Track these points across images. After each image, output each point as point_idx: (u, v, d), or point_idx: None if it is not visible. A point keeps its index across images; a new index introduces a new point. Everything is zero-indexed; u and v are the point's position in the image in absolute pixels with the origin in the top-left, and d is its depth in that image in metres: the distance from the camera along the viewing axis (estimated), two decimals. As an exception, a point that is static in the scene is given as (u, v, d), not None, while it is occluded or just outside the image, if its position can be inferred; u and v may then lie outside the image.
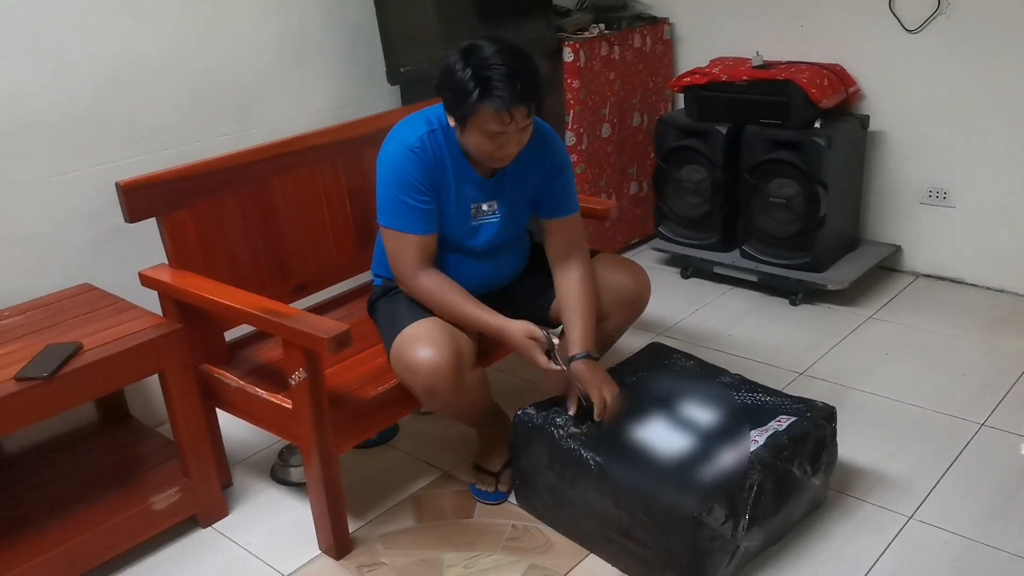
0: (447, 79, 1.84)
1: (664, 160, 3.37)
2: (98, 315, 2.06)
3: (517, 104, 1.80)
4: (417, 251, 1.97)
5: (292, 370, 1.85)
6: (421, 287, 1.98)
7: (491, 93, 1.78)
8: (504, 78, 1.77)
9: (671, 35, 3.63)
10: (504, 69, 1.78)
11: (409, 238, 1.96)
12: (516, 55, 1.82)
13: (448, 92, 1.85)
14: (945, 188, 3.16)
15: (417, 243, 1.97)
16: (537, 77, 1.84)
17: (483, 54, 1.80)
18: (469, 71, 1.79)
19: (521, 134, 1.88)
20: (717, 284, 3.36)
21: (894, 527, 2.02)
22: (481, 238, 2.07)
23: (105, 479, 2.12)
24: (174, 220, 2.07)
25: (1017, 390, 2.54)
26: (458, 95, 1.81)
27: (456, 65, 1.82)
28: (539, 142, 2.02)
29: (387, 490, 2.27)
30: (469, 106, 1.80)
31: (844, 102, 3.16)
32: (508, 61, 1.79)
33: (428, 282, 1.98)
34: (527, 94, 1.81)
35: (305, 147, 2.34)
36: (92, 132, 2.33)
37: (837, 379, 2.65)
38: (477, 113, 1.81)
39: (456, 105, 1.84)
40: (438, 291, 1.98)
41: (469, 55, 1.81)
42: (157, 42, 2.41)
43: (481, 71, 1.78)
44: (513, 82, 1.78)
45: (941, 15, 2.97)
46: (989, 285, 3.17)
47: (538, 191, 2.08)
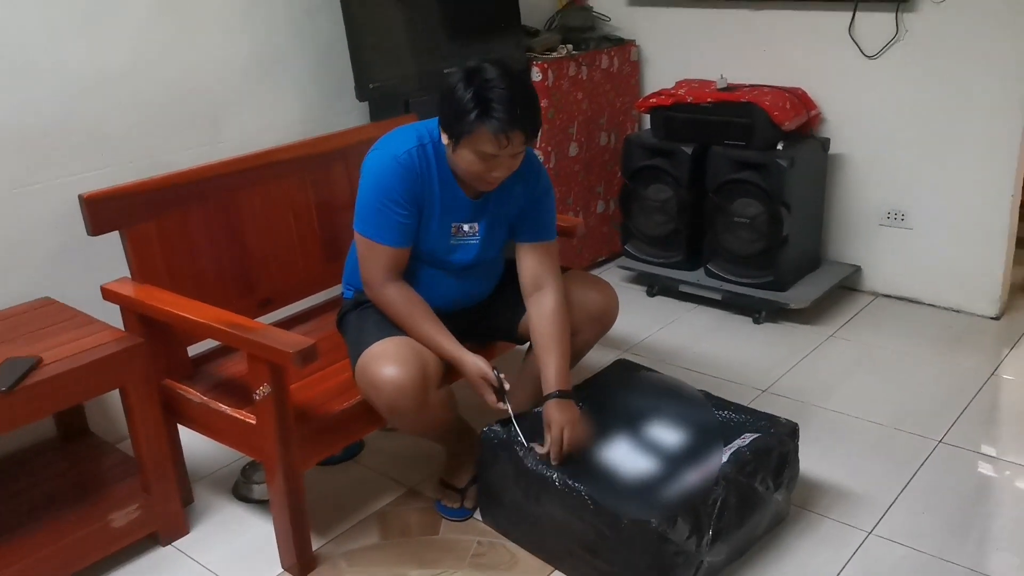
0: (448, 96, 1.85)
1: (630, 179, 3.41)
2: (58, 329, 2.03)
3: (514, 129, 1.82)
4: (388, 261, 1.98)
5: (257, 385, 1.84)
6: (386, 297, 1.99)
7: (490, 115, 1.80)
8: (505, 101, 1.80)
9: (638, 57, 3.68)
10: (506, 93, 1.80)
11: (382, 248, 1.97)
12: (519, 81, 1.85)
13: (447, 108, 1.86)
14: (903, 210, 3.23)
15: (389, 254, 1.97)
16: (536, 105, 1.88)
17: (486, 76, 1.82)
18: (471, 91, 1.81)
19: (513, 159, 1.90)
20: (682, 302, 3.39)
21: (854, 542, 2.05)
22: (459, 258, 2.07)
23: (63, 496, 2.08)
24: (138, 233, 2.05)
25: (973, 408, 2.59)
26: (457, 113, 1.83)
27: (458, 84, 1.83)
28: (526, 167, 2.02)
29: (352, 507, 2.25)
30: (467, 125, 1.82)
31: (806, 125, 3.22)
32: (510, 86, 1.81)
33: (394, 294, 1.99)
34: (525, 121, 1.84)
35: (273, 161, 2.33)
36: (56, 144, 2.30)
37: (799, 396, 2.69)
38: (473, 133, 1.82)
39: (453, 122, 1.85)
40: (401, 305, 1.99)
41: (472, 75, 1.83)
42: (123, 53, 2.40)
43: (483, 92, 1.80)
44: (513, 107, 1.80)
45: (899, 41, 3.05)
46: (945, 305, 3.24)
47: (519, 215, 2.09)
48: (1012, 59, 2.86)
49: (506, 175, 1.93)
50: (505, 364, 2.46)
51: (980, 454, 2.38)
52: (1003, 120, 2.93)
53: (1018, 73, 2.86)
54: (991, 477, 2.30)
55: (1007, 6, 2.82)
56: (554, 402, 1.99)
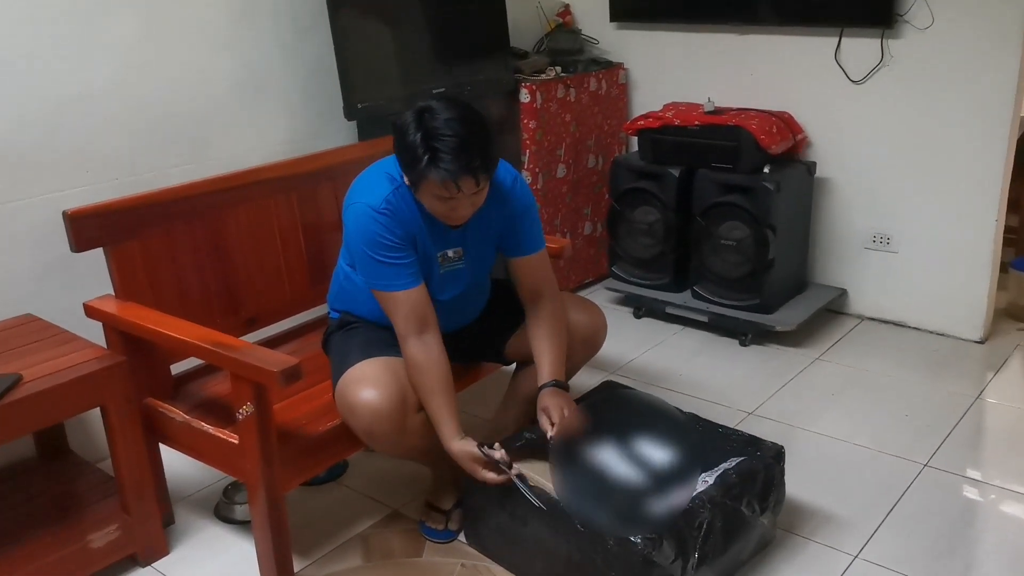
0: (400, 140, 1.82)
1: (618, 201, 3.42)
2: (40, 346, 2.01)
3: (464, 176, 1.77)
4: (407, 308, 1.92)
5: (240, 404, 1.82)
6: (407, 355, 1.94)
7: (438, 164, 1.75)
8: (452, 150, 1.75)
9: (626, 79, 3.71)
10: (453, 141, 1.75)
11: (395, 296, 1.92)
12: (468, 125, 1.78)
13: (400, 153, 1.83)
14: (888, 234, 3.25)
15: (404, 299, 1.92)
16: (488, 147, 1.81)
17: (434, 122, 1.77)
18: (419, 136, 1.76)
19: (474, 197, 1.86)
20: (669, 324, 3.39)
21: (840, 566, 2.04)
22: (449, 285, 2.06)
23: (41, 516, 2.06)
24: (122, 250, 2.04)
25: (958, 431, 2.60)
26: (408, 160, 1.80)
27: (409, 128, 1.79)
28: (500, 192, 2.00)
29: (334, 528, 2.23)
30: (418, 172, 1.79)
31: (792, 149, 3.25)
32: (458, 132, 1.76)
33: (414, 354, 1.92)
34: (475, 166, 1.77)
35: (259, 180, 2.33)
36: (40, 160, 2.29)
37: (785, 419, 2.69)
38: (426, 180, 1.79)
39: (406, 169, 1.83)
40: (416, 368, 1.92)
41: (421, 119, 1.78)
42: (109, 70, 2.39)
43: (430, 140, 1.75)
44: (460, 154, 1.75)
45: (884, 67, 3.08)
46: (930, 328, 3.25)
47: (503, 234, 2.08)
48: (996, 85, 2.89)
49: (472, 212, 1.90)
50: (491, 385, 2.46)
51: (965, 478, 2.38)
52: (987, 145, 2.96)
53: (1002, 98, 2.89)
54: (976, 501, 2.30)
55: (991, 33, 2.85)
56: (551, 390, 1.99)
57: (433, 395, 1.93)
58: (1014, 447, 2.53)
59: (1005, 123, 2.91)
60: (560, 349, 2.06)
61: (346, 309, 2.15)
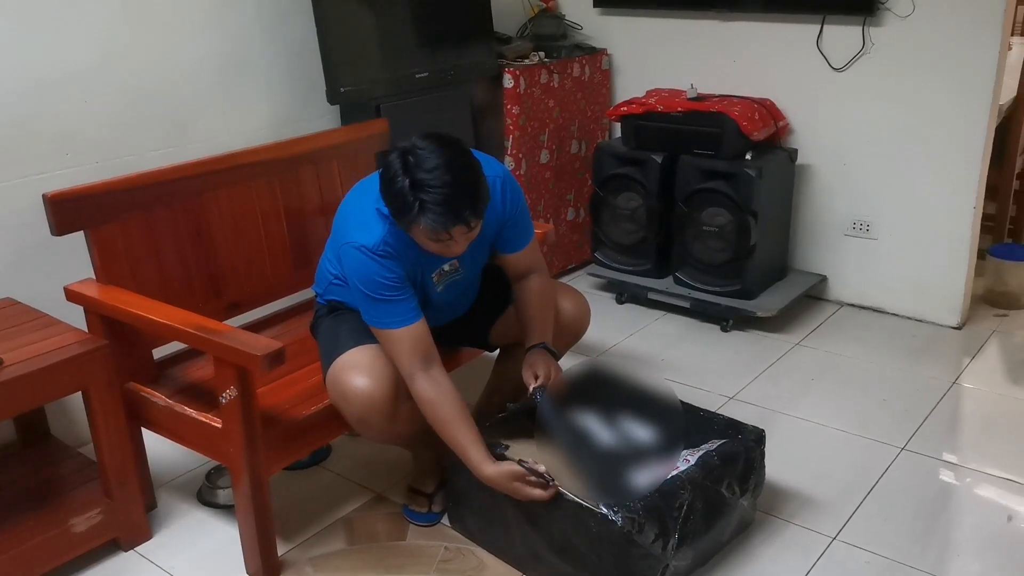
0: (387, 187, 1.76)
1: (601, 187, 3.43)
2: (20, 330, 1.99)
3: (455, 225, 1.74)
4: (409, 344, 1.87)
5: (223, 389, 1.82)
6: (416, 392, 1.89)
7: (427, 215, 1.71)
8: (441, 203, 1.71)
9: (609, 65, 3.71)
10: (441, 193, 1.70)
11: (398, 334, 1.87)
12: (456, 172, 1.73)
13: (389, 199, 1.77)
14: (868, 221, 3.28)
15: (407, 337, 1.87)
16: (477, 191, 1.77)
17: (421, 172, 1.71)
18: (407, 184, 1.71)
19: (468, 236, 1.82)
20: (651, 310, 3.41)
21: (818, 548, 2.07)
22: (448, 295, 2.06)
23: (22, 500, 2.04)
24: (103, 234, 2.02)
25: (935, 416, 2.63)
26: (397, 207, 1.75)
27: (396, 176, 1.73)
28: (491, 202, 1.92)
29: (318, 512, 2.24)
30: (407, 221, 1.75)
31: (774, 136, 3.26)
32: (446, 182, 1.71)
33: (424, 390, 1.88)
34: (465, 215, 1.74)
35: (241, 164, 2.31)
36: (19, 143, 2.26)
37: (765, 403, 2.71)
38: (416, 227, 1.76)
39: (396, 215, 1.78)
40: (429, 404, 1.88)
41: (407, 166, 1.72)
42: (89, 52, 2.37)
43: (418, 192, 1.71)
44: (450, 205, 1.71)
45: (866, 54, 3.10)
46: (909, 315, 3.29)
47: (496, 233, 2.05)
48: (976, 73, 2.92)
49: (467, 245, 1.87)
50: (473, 371, 2.46)
51: (942, 461, 2.42)
52: (966, 133, 2.99)
53: (981, 86, 2.92)
54: (952, 484, 2.33)
55: (971, 21, 2.88)
56: (539, 351, 2.02)
57: (452, 426, 1.89)
58: (990, 431, 2.57)
59: (984, 111, 2.94)
60: (549, 317, 2.08)
61: (332, 297, 2.14)
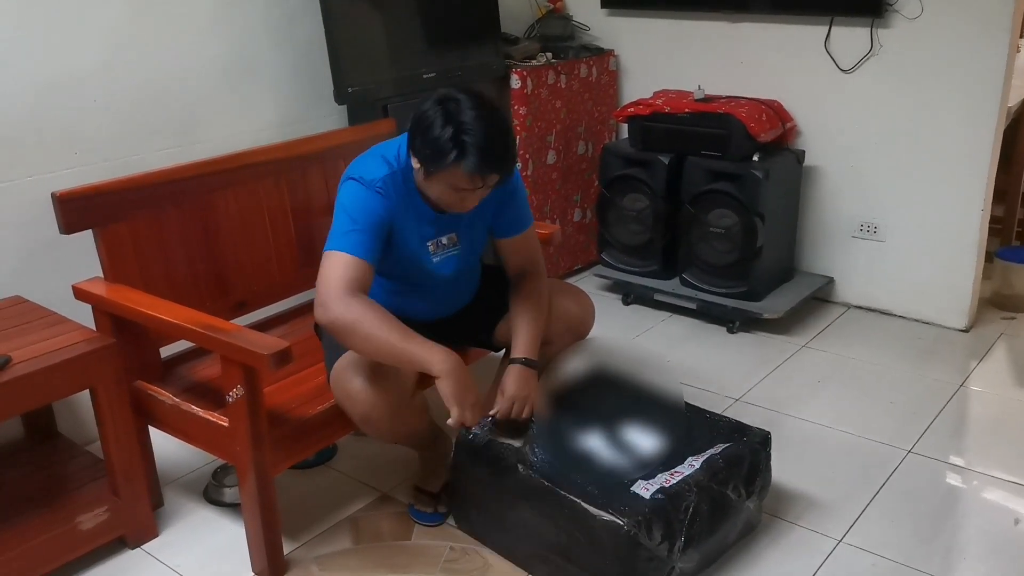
0: (423, 129, 1.81)
1: (607, 188, 3.43)
2: (28, 328, 2.00)
3: (490, 172, 1.81)
4: (343, 271, 1.81)
5: (230, 387, 1.83)
6: (339, 313, 1.78)
7: (467, 157, 1.77)
8: (482, 146, 1.77)
9: (616, 66, 3.71)
10: (483, 137, 1.77)
11: (339, 256, 1.83)
12: (496, 121, 1.82)
13: (423, 142, 1.82)
14: (876, 223, 3.27)
15: (353, 264, 1.82)
16: (512, 146, 1.87)
17: (463, 116, 1.78)
18: (449, 131, 1.77)
19: (485, 191, 1.88)
20: (657, 311, 3.41)
21: (824, 550, 2.07)
22: (445, 271, 2.06)
23: (30, 498, 2.05)
24: (111, 233, 2.03)
25: (942, 418, 2.63)
26: (434, 150, 1.79)
27: (435, 120, 1.79)
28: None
29: (324, 511, 2.24)
30: (443, 163, 1.79)
31: (781, 137, 3.26)
32: (487, 129, 1.78)
33: (353, 305, 1.79)
34: (502, 164, 1.83)
35: (249, 163, 2.32)
36: (27, 142, 2.27)
37: (772, 405, 2.71)
38: (448, 170, 1.80)
39: (429, 157, 1.82)
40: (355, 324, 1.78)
41: (449, 113, 1.78)
42: (98, 51, 2.38)
43: (460, 134, 1.77)
44: (490, 151, 1.79)
45: (874, 56, 3.10)
46: (916, 317, 3.28)
47: (495, 214, 2.08)
48: (984, 75, 2.91)
49: (477, 203, 1.92)
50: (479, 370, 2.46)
51: (948, 464, 2.41)
52: (974, 135, 2.98)
53: (989, 88, 2.91)
54: (959, 487, 2.33)
55: (979, 23, 2.87)
56: (518, 368, 2.00)
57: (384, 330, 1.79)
58: (997, 434, 2.56)
59: (992, 113, 2.93)
60: (537, 327, 2.06)
61: None
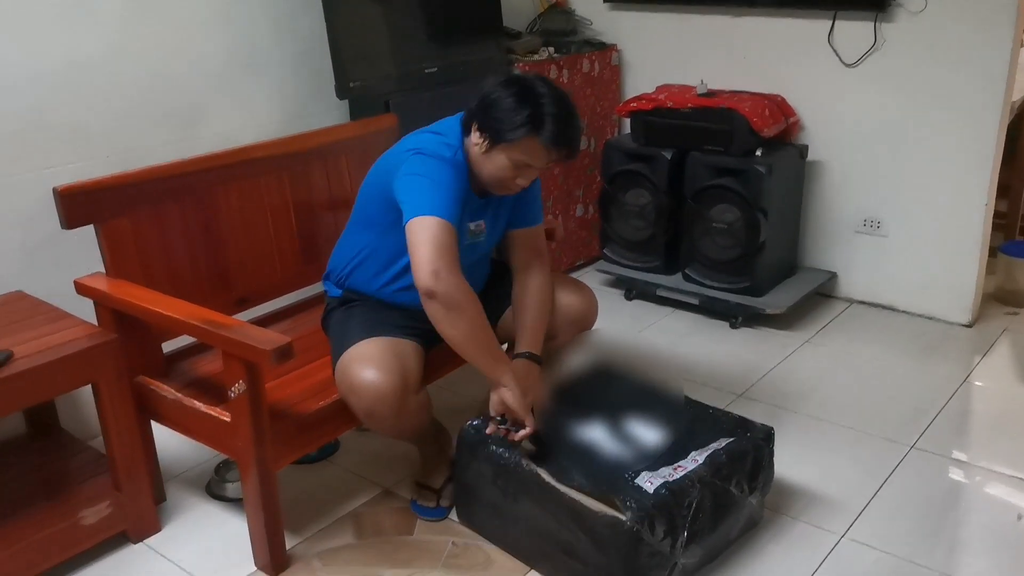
0: (493, 104, 1.85)
1: (610, 183, 3.42)
2: (30, 323, 2.00)
3: (563, 146, 1.86)
4: (453, 239, 1.80)
5: (232, 383, 1.82)
6: (444, 290, 1.77)
7: (544, 128, 1.82)
8: (561, 120, 1.84)
9: (619, 61, 3.70)
10: (561, 112, 1.84)
11: (446, 225, 1.79)
12: (568, 102, 1.88)
13: (494, 113, 1.85)
14: (879, 218, 3.26)
15: (452, 232, 1.80)
16: (580, 127, 1.92)
17: (539, 90, 1.85)
18: (528, 103, 1.82)
19: (540, 172, 1.93)
20: (660, 306, 3.40)
21: (827, 545, 2.06)
22: (469, 257, 2.06)
23: (33, 492, 2.06)
24: (113, 228, 2.03)
25: (945, 414, 2.62)
26: (506, 121, 1.83)
27: (508, 95, 1.84)
28: None
29: (326, 506, 2.24)
30: (515, 133, 1.83)
31: (784, 132, 3.25)
32: (564, 104, 1.86)
33: (457, 288, 1.79)
34: (574, 141, 1.89)
35: (251, 159, 2.31)
36: (29, 137, 2.27)
37: (775, 401, 2.70)
38: (520, 142, 1.84)
39: (499, 127, 1.84)
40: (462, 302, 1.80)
41: (524, 90, 1.84)
42: (100, 46, 2.37)
43: (538, 106, 1.82)
44: (568, 125, 1.86)
45: (877, 50, 3.09)
46: (919, 312, 3.27)
47: (513, 204, 2.10)
48: (987, 69, 2.90)
49: (527, 185, 1.96)
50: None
51: (951, 459, 2.41)
52: (978, 130, 2.97)
53: (993, 83, 2.90)
54: (962, 482, 2.32)
55: (984, 17, 2.85)
56: (522, 363, 2.00)
57: (487, 327, 1.89)
58: (1000, 429, 2.55)
59: (996, 108, 2.92)
60: (542, 322, 2.07)
61: (348, 287, 2.14)
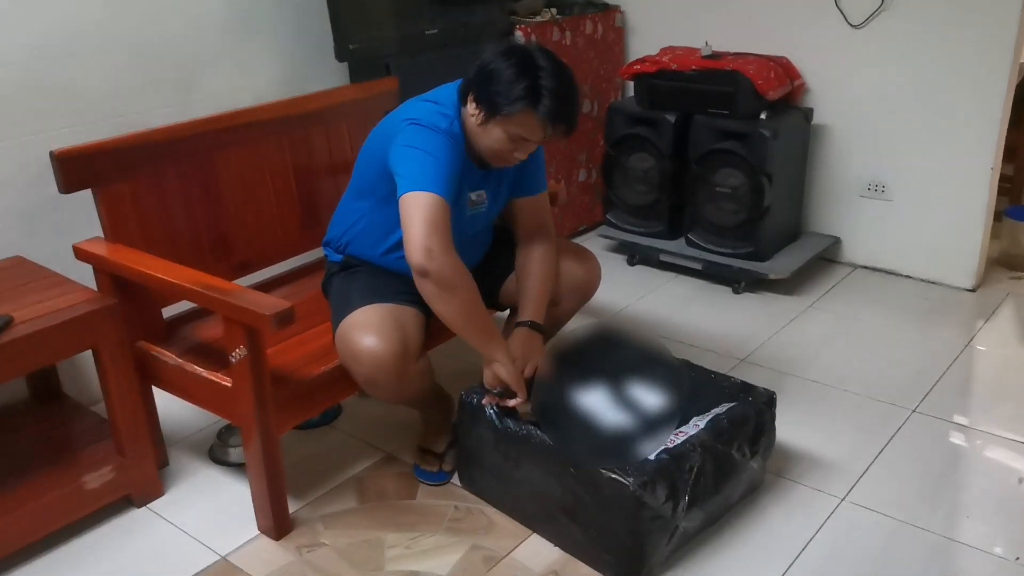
0: (493, 73, 1.81)
1: (613, 148, 3.39)
2: (30, 288, 1.99)
3: (560, 121, 1.83)
4: (447, 216, 1.78)
5: (233, 348, 1.82)
6: (458, 268, 1.79)
7: (542, 103, 1.79)
8: (559, 96, 1.80)
9: (622, 23, 3.65)
10: (560, 86, 1.80)
11: (439, 201, 1.77)
12: (568, 75, 1.85)
13: (492, 85, 1.81)
14: (884, 182, 3.23)
15: (445, 208, 1.78)
16: (580, 103, 1.89)
17: (538, 63, 1.80)
18: (526, 77, 1.78)
19: (537, 146, 1.90)
20: (663, 271, 3.39)
21: (827, 508, 2.07)
22: (471, 228, 2.05)
23: (36, 458, 2.06)
24: (111, 192, 2.01)
25: (947, 378, 2.62)
26: (504, 92, 1.79)
27: (507, 67, 1.80)
28: None
29: (329, 471, 2.25)
30: (512, 107, 1.79)
31: (789, 95, 3.21)
32: (563, 80, 1.82)
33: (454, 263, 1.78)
34: (572, 116, 1.85)
35: (250, 122, 2.29)
36: (25, 100, 2.24)
37: (777, 365, 2.70)
38: (517, 115, 1.80)
39: (497, 100, 1.81)
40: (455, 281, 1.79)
41: (524, 62, 1.80)
42: (94, 9, 2.34)
43: (537, 80, 1.78)
44: (566, 100, 1.82)
45: (884, 11, 3.04)
46: (923, 277, 3.26)
47: (516, 172, 2.07)
48: (995, 31, 2.85)
49: (524, 158, 1.93)
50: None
51: (952, 423, 2.41)
52: (985, 92, 2.93)
53: (1001, 45, 2.86)
54: (962, 446, 2.33)
55: (992, -23, 2.81)
56: (524, 332, 2.00)
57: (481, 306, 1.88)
58: (1001, 394, 2.55)
59: (1004, 70, 2.88)
60: (545, 290, 2.06)
61: (349, 253, 2.13)
